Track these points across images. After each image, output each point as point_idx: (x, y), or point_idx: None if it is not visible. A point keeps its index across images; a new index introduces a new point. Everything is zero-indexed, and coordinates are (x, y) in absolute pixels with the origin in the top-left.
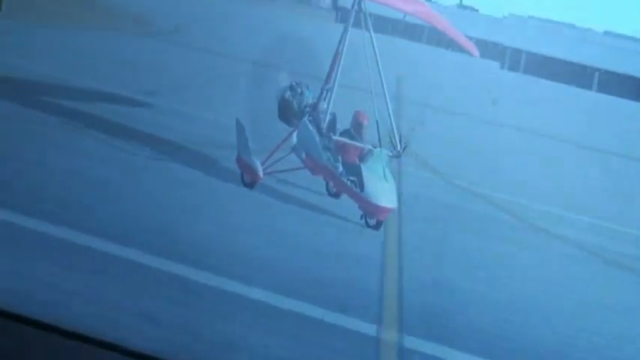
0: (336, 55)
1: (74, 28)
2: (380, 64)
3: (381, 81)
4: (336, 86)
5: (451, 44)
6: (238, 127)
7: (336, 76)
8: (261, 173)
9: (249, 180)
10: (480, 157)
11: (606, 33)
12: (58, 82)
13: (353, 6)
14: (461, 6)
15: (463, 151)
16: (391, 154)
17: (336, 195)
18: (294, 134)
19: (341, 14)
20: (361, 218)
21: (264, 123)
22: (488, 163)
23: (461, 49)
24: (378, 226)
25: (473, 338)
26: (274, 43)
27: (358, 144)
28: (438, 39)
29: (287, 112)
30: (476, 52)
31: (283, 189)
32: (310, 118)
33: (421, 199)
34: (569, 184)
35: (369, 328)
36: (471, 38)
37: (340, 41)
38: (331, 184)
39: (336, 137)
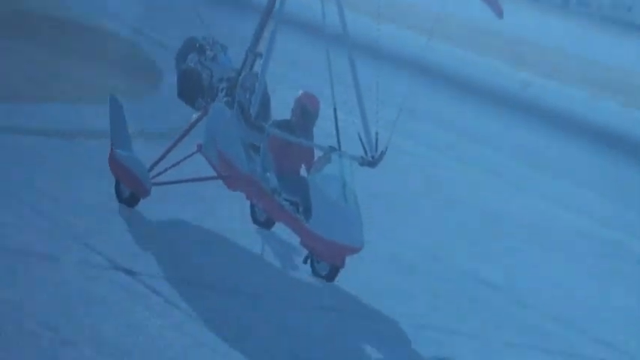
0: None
1: None
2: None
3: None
4: (271, 50)
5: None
6: (113, 106)
7: (273, 35)
8: (148, 184)
9: (128, 193)
10: None
11: None
12: None
13: None
14: None
15: None
16: (360, 161)
17: (267, 223)
18: (202, 123)
19: None
20: (305, 262)
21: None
22: None
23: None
24: (332, 275)
25: None
26: None
27: (304, 143)
28: None
29: (191, 88)
30: (501, 13)
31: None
32: (228, 98)
33: None
34: None
35: None
36: None
37: None
38: (259, 205)
39: (270, 129)
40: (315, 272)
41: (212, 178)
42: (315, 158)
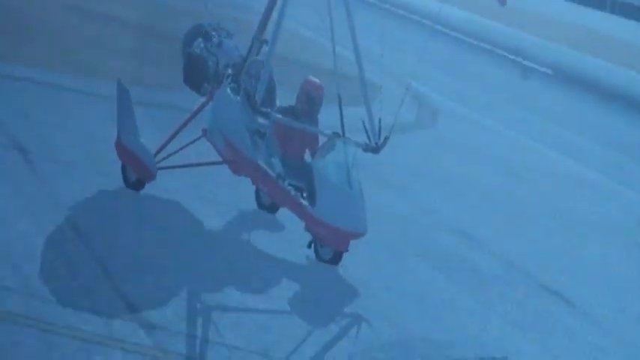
0: None
1: None
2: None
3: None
4: (276, 37)
5: None
6: (120, 92)
7: (279, 21)
8: (154, 169)
9: (134, 178)
10: None
11: None
12: None
13: None
14: None
15: None
16: (364, 147)
17: (271, 208)
18: (208, 108)
19: None
20: (309, 246)
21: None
22: None
23: None
24: (335, 259)
25: None
26: None
27: (309, 129)
28: None
29: (196, 74)
30: (504, 1)
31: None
32: (233, 84)
33: None
34: None
35: None
36: None
37: None
38: (264, 190)
39: (275, 115)
40: (318, 257)
41: (217, 162)
42: (320, 144)
